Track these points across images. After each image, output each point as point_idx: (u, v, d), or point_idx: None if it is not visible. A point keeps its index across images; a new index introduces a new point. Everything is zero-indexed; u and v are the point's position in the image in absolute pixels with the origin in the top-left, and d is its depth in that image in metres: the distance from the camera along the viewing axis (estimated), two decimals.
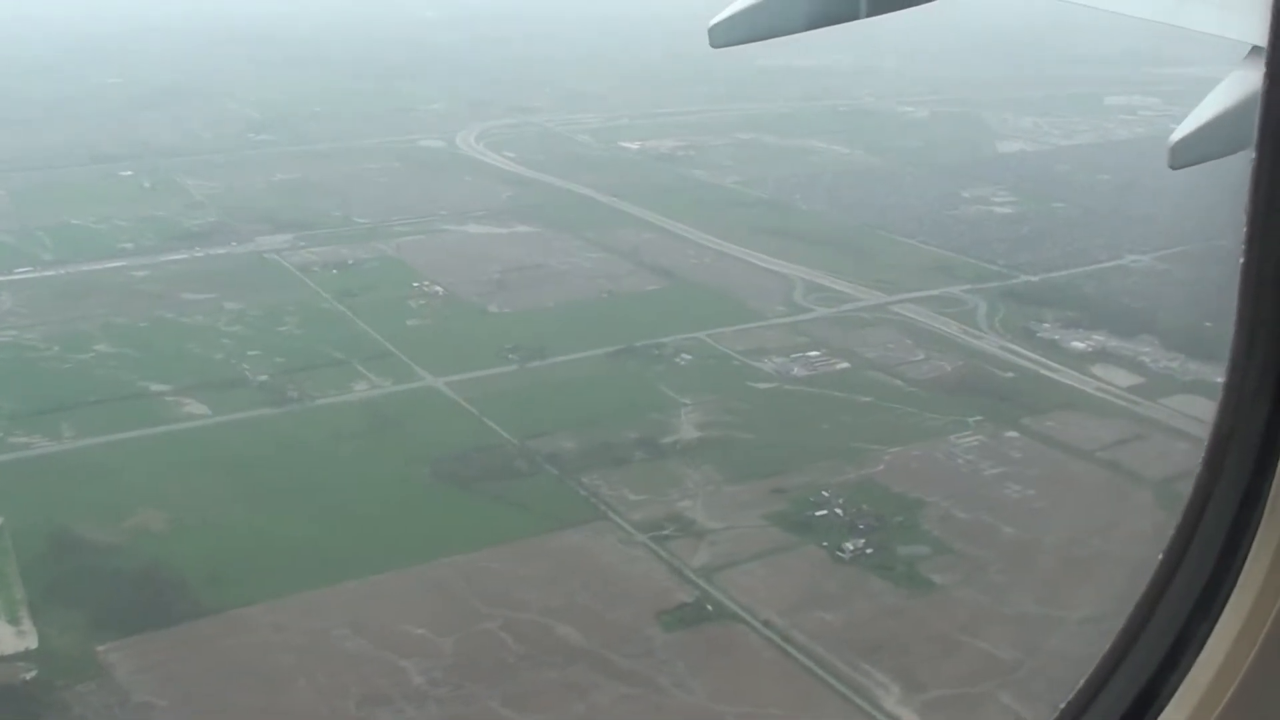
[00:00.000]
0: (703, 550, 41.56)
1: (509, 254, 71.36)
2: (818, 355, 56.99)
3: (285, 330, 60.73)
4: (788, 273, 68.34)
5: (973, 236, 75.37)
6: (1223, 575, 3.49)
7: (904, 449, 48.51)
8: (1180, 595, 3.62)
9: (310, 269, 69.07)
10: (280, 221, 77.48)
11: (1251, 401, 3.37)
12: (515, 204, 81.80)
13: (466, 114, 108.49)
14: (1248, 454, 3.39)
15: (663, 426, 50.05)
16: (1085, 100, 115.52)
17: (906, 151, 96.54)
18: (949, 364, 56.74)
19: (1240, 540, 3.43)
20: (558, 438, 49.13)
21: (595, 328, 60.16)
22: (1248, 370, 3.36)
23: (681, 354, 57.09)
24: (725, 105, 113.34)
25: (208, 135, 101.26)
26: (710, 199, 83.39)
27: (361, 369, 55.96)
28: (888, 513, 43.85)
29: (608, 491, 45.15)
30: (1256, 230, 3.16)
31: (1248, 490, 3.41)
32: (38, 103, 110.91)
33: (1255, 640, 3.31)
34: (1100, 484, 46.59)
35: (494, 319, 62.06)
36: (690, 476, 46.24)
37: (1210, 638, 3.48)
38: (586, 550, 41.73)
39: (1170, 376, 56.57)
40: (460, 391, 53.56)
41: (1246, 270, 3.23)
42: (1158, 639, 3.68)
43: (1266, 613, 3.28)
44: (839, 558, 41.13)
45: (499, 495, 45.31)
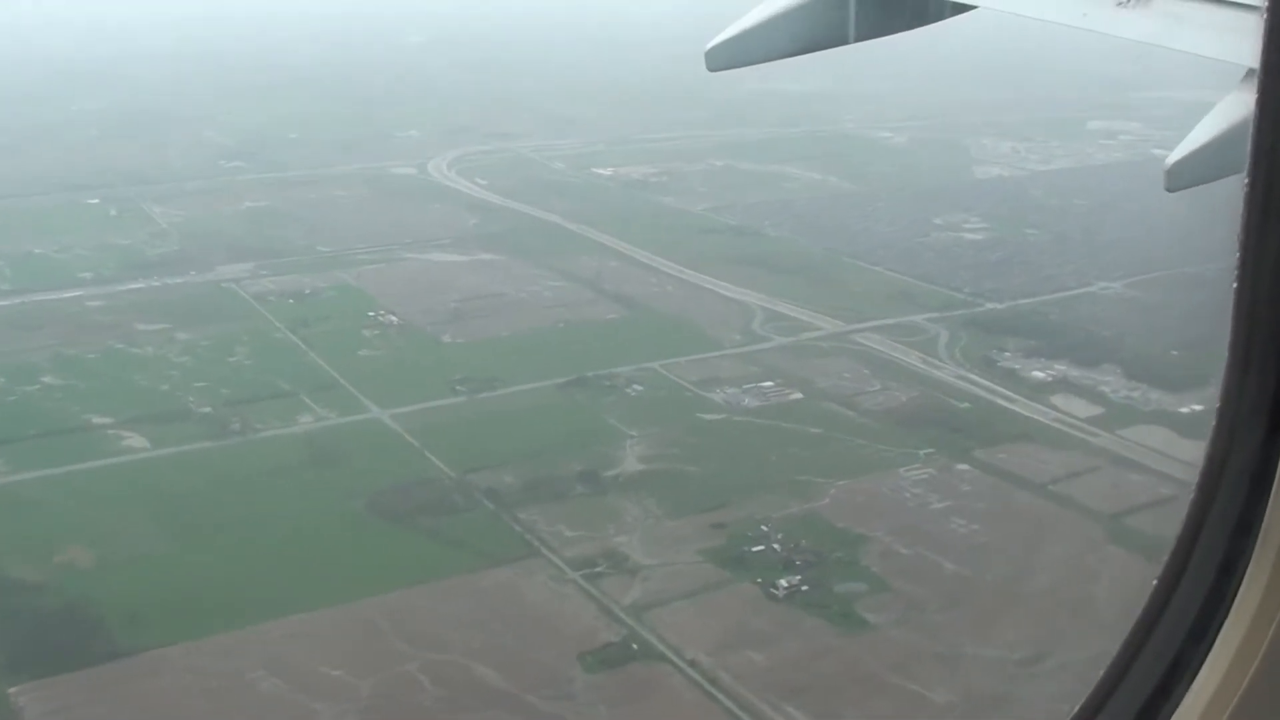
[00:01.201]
0: (634, 588, 40.58)
1: (469, 282, 70.61)
2: (771, 386, 56.08)
3: (235, 361, 59.92)
4: (749, 301, 67.50)
5: (940, 263, 74.53)
6: (1217, 601, 3.46)
7: (851, 482, 47.54)
8: (1175, 621, 3.58)
9: (267, 298, 68.31)
10: (242, 250, 76.79)
11: (1245, 426, 3.33)
12: (480, 231, 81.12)
13: (442, 140, 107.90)
14: (1241, 479, 3.36)
15: (606, 459, 49.13)
16: (1067, 125, 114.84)
17: (882, 177, 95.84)
18: (904, 394, 55.79)
19: (1234, 566, 3.40)
20: (498, 471, 48.22)
21: (549, 358, 59.31)
22: (1241, 395, 3.30)
23: (633, 385, 56.21)
24: (705, 130, 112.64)
25: (180, 162, 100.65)
26: (678, 226, 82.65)
27: (308, 401, 55.10)
28: (827, 548, 42.86)
29: (544, 527, 44.20)
30: (1249, 253, 3.11)
31: (1241, 516, 3.38)
32: (14, 130, 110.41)
33: (1249, 666, 3.28)
34: (1048, 518, 45.60)
35: (447, 349, 61.23)
36: (629, 511, 45.28)
37: (1204, 664, 3.45)
38: (516, 588, 40.77)
39: (1131, 407, 55.63)
40: (405, 424, 52.67)
41: (1240, 294, 3.18)
42: (1152, 665, 3.64)
43: (1261, 638, 3.25)
44: (773, 595, 40.13)
45: (432, 531, 44.39)
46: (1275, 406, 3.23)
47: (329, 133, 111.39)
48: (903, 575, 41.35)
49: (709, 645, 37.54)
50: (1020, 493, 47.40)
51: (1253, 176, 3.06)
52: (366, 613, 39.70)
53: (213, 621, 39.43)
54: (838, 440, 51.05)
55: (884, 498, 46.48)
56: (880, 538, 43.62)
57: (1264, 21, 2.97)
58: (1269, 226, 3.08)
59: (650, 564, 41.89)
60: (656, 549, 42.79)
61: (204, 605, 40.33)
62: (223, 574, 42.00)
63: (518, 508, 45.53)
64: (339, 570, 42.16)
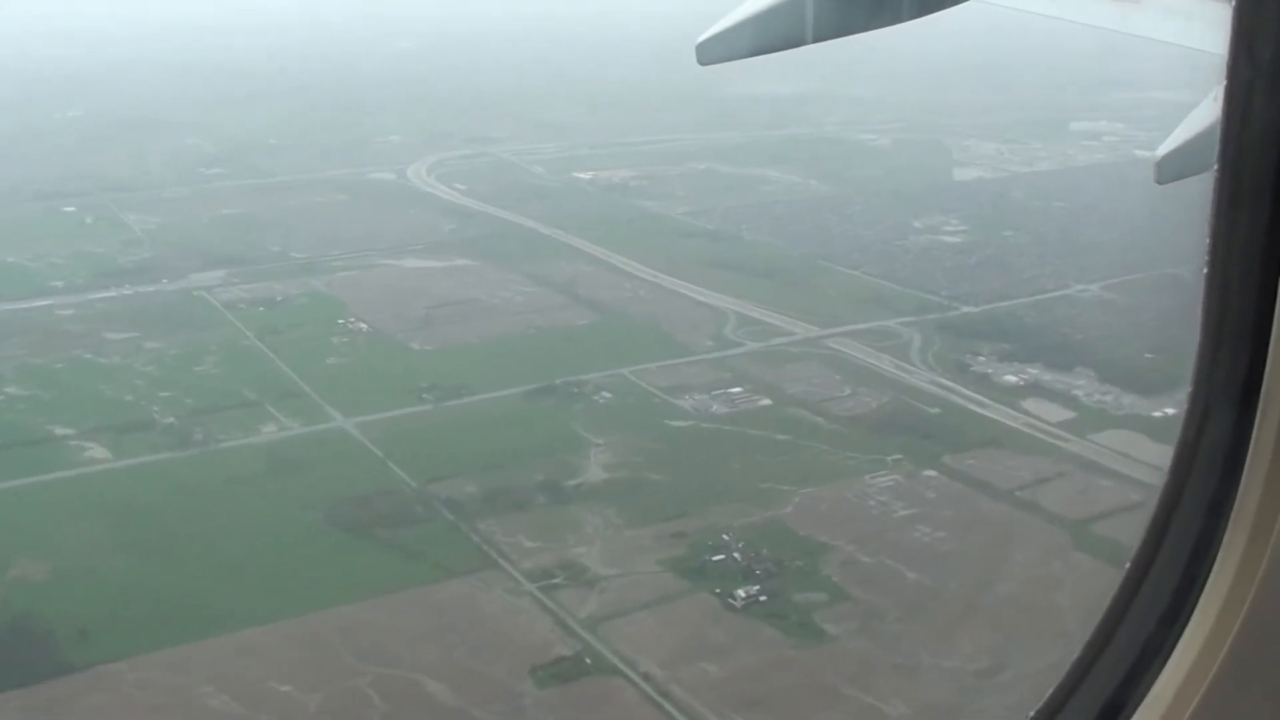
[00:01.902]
0: (591, 600, 40.06)
1: (442, 289, 70.10)
2: (739, 392, 55.56)
3: (202, 370, 59.39)
4: (722, 306, 66.99)
5: (917, 267, 74.03)
6: (1190, 583, 3.49)
7: (815, 490, 47.01)
8: (1148, 603, 3.62)
9: (237, 306, 67.81)
10: (215, 257, 76.29)
11: (1216, 409, 3.37)
12: (456, 237, 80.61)
13: (423, 145, 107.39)
14: (1213, 461, 3.40)
15: (570, 468, 48.60)
16: (1051, 126, 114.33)
17: (862, 180, 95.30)
18: (875, 400, 55.27)
19: (1207, 548, 3.42)
20: (460, 481, 47.71)
21: (518, 365, 58.79)
22: (1212, 380, 3.36)
23: (601, 392, 55.70)
24: (689, 133, 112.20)
25: (159, 169, 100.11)
26: (655, 230, 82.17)
27: (272, 410, 54.59)
28: (788, 557, 42.35)
29: (502, 538, 43.68)
30: (1219, 239, 3.19)
31: (1213, 498, 3.41)
32: None
33: (1222, 647, 3.30)
34: (1014, 526, 45.09)
35: (416, 356, 60.73)
36: (590, 521, 44.77)
37: (1178, 645, 3.47)
38: (471, 601, 40.26)
39: (1103, 411, 55.13)
40: (369, 433, 52.15)
41: (1210, 279, 3.25)
42: (1126, 647, 3.66)
43: (1233, 619, 3.28)
44: (731, 605, 39.63)
45: (390, 542, 43.86)
46: (1245, 390, 3.25)
47: (310, 138, 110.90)
48: (863, 584, 40.83)
49: (664, 657, 37.03)
50: (987, 499, 46.88)
51: (1222, 165, 3.11)
52: (319, 626, 39.19)
53: (164, 636, 38.92)
54: (804, 447, 50.52)
55: (848, 505, 45.95)
56: (842, 546, 43.10)
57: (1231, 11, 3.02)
58: (1238, 213, 3.14)
59: (609, 575, 41.36)
60: (616, 559, 42.27)
61: (156, 619, 39.82)
62: (177, 587, 41.46)
63: (477, 518, 45.01)
64: (293, 583, 41.63)
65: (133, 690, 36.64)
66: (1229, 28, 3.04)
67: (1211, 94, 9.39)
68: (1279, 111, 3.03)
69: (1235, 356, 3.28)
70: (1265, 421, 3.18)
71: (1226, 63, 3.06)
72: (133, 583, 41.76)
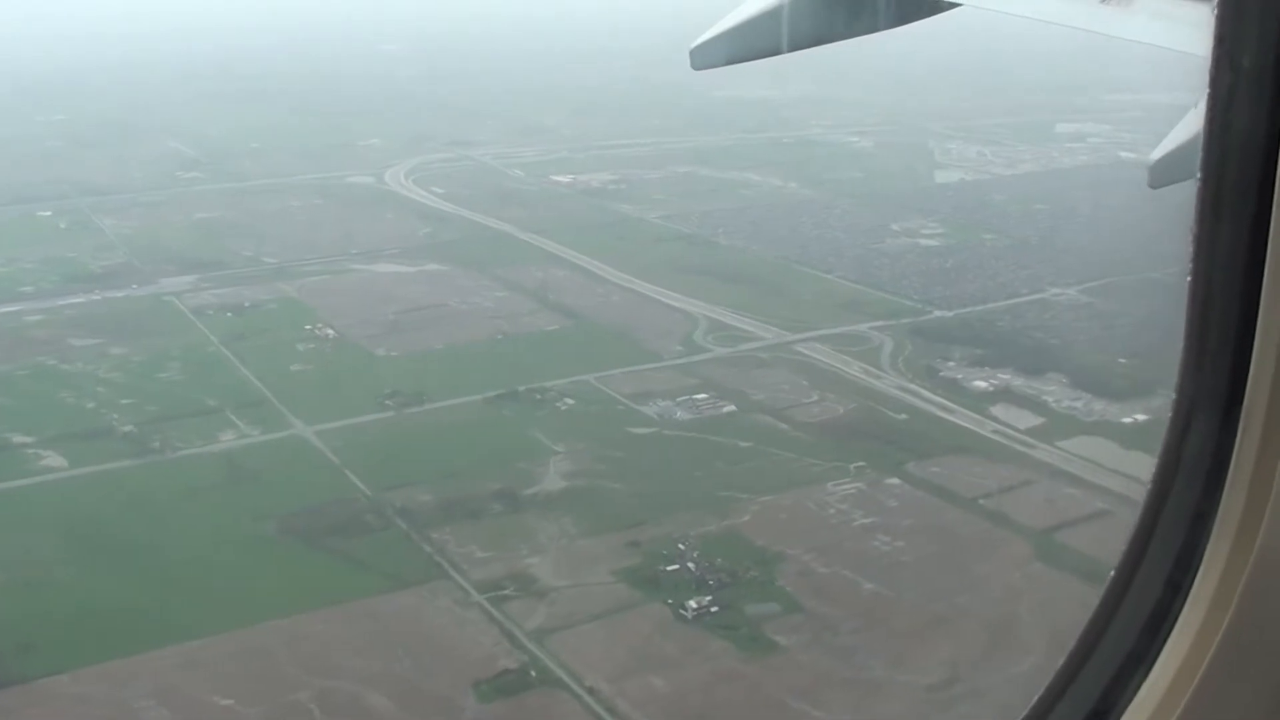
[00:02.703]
0: (540, 611, 39.44)
1: (411, 294, 69.55)
2: (705, 398, 54.98)
3: (165, 377, 58.82)
4: (694, 311, 66.41)
5: (893, 270, 73.46)
6: (1173, 592, 3.47)
7: (775, 498, 46.41)
8: (1131, 612, 3.62)
9: (205, 312, 67.25)
10: (187, 262, 75.78)
11: (1200, 418, 3.38)
12: (430, 241, 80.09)
13: (404, 149, 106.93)
14: (1197, 470, 3.40)
15: (528, 476, 48.01)
16: (1036, 128, 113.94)
17: (843, 183, 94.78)
18: (841, 406, 54.67)
19: (1190, 556, 3.41)
20: (416, 489, 47.12)
21: (483, 371, 58.22)
22: (1196, 387, 3.37)
23: (565, 398, 55.12)
24: (671, 137, 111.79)
25: (138, 173, 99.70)
26: (631, 234, 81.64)
27: (233, 417, 54.01)
28: (743, 567, 41.74)
29: (455, 548, 43.09)
30: (1202, 247, 3.19)
31: (1197, 506, 3.41)
32: None
33: (1205, 656, 3.29)
34: (976, 535, 44.49)
35: (381, 363, 60.15)
36: (545, 530, 44.17)
37: (1161, 655, 3.46)
38: (419, 613, 39.66)
39: (1073, 417, 54.53)
40: (328, 440, 51.57)
41: (1194, 288, 3.25)
42: (1109, 656, 3.65)
43: (1216, 628, 3.27)
44: (682, 617, 39.01)
45: (342, 552, 43.26)
46: (1229, 398, 3.24)
47: (291, 142, 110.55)
48: (818, 595, 40.22)
49: (610, 671, 36.41)
50: (950, 508, 46.26)
51: (1204, 173, 3.12)
52: (264, 638, 38.59)
53: (108, 648, 38.31)
54: (767, 454, 49.92)
55: (807, 514, 45.34)
56: (799, 556, 42.49)
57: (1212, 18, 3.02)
58: (1220, 221, 3.15)
59: (560, 586, 40.75)
60: (568, 570, 41.67)
61: (101, 631, 39.21)
62: (124, 598, 40.86)
63: (431, 528, 44.42)
64: (241, 594, 41.04)
65: (71, 704, 36.04)
66: (1209, 36, 3.05)
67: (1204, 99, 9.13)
68: (1260, 120, 3.02)
69: (1218, 364, 3.27)
70: (1248, 430, 3.17)
71: (1208, 71, 3.06)
72: (79, 594, 41.13)
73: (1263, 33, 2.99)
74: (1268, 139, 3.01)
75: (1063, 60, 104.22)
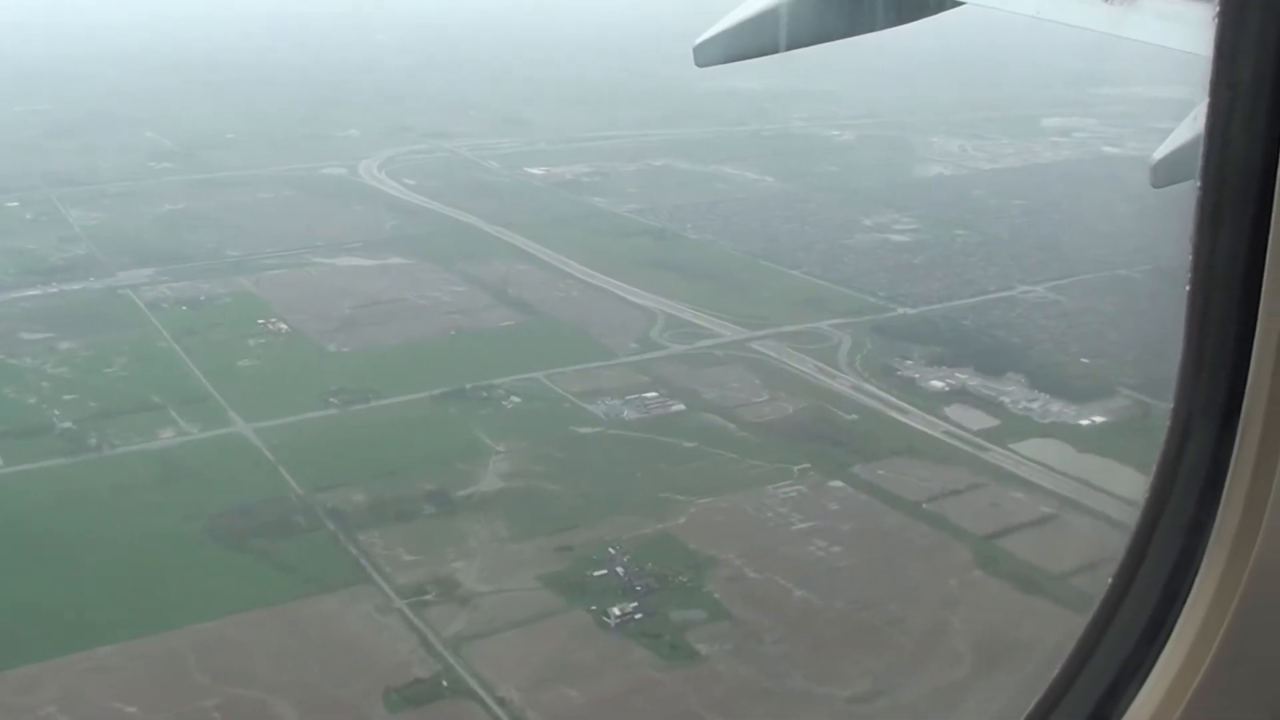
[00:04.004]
0: (461, 617, 38.59)
1: (370, 288, 68.67)
2: (654, 397, 54.06)
3: (111, 372, 58.01)
4: (653, 307, 65.45)
5: (859, 266, 72.41)
6: (1171, 598, 3.48)
7: (714, 500, 45.49)
8: (1130, 617, 3.60)
9: (160, 306, 66.44)
10: (149, 255, 74.98)
11: (1198, 425, 3.37)
12: (396, 234, 79.18)
13: (381, 140, 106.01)
14: (1195, 477, 3.41)
15: (465, 477, 47.14)
16: (1022, 122, 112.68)
17: (820, 177, 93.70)
18: (792, 406, 53.71)
19: (1188, 563, 3.42)
20: (350, 490, 46.28)
21: (432, 367, 57.32)
22: (1194, 394, 3.35)
23: (512, 396, 54.25)
24: (652, 129, 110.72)
25: (110, 164, 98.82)
26: (600, 228, 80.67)
27: (174, 414, 53.20)
28: (673, 572, 40.85)
29: (381, 551, 42.25)
30: (1201, 256, 3.18)
31: (1195, 513, 3.42)
32: None
33: (1202, 662, 3.32)
34: (915, 540, 43.54)
35: (331, 358, 59.30)
36: (475, 533, 43.32)
37: (1159, 660, 3.48)
38: (337, 618, 38.82)
39: (1028, 419, 53.56)
40: (267, 438, 50.74)
41: (1192, 295, 3.23)
42: (1107, 661, 3.67)
43: (1214, 635, 3.29)
44: (604, 624, 38.13)
45: (266, 554, 42.42)
46: (1227, 406, 3.26)
47: (269, 132, 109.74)
48: (746, 602, 39.30)
49: (525, 680, 35.55)
50: (891, 512, 45.30)
51: (1204, 180, 3.14)
52: (178, 643, 37.77)
53: (18, 653, 37.48)
54: (711, 455, 49.00)
55: (745, 517, 44.42)
56: (731, 560, 41.57)
57: (1213, 27, 3.03)
58: (1220, 229, 3.16)
59: (483, 591, 39.89)
60: (494, 575, 40.80)
61: (12, 635, 38.35)
62: (40, 601, 40.02)
63: (360, 529, 43.59)
64: (160, 597, 40.21)
65: None
66: (1209, 47, 3.06)
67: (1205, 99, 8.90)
68: (1259, 130, 3.04)
69: (1216, 373, 3.28)
70: (1246, 438, 3.18)
71: (1208, 81, 3.08)
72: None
73: (1261, 46, 3.00)
74: (1266, 149, 3.02)
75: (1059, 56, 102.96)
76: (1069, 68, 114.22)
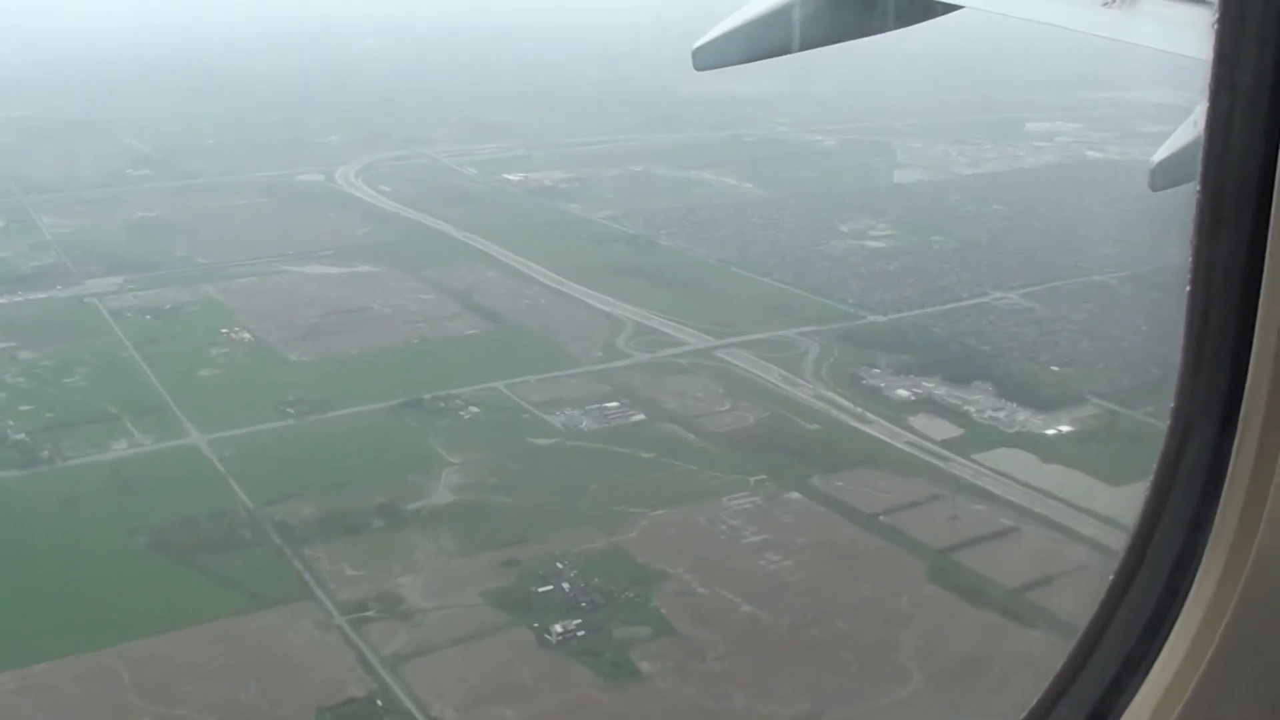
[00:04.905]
0: (401, 634, 38.00)
1: (337, 296, 68.09)
2: (615, 407, 53.44)
3: (70, 382, 57.41)
4: (621, 314, 64.84)
5: (832, 274, 71.77)
6: (1171, 597, 3.52)
7: (667, 512, 44.89)
8: (1130, 616, 3.64)
9: (124, 314, 65.86)
10: (117, 262, 74.41)
11: (1198, 425, 3.41)
12: (368, 241, 78.59)
13: (360, 146, 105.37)
14: (1195, 476, 3.45)
15: (416, 490, 46.54)
16: (1006, 126, 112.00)
17: (799, 183, 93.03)
18: (753, 416, 53.10)
19: (1188, 562, 3.47)
20: (298, 503, 45.70)
21: (392, 377, 56.73)
22: (1194, 395, 3.39)
23: (470, 406, 53.64)
24: (634, 134, 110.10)
25: (87, 170, 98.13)
26: (573, 234, 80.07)
27: (129, 425, 52.63)
28: (620, 587, 40.25)
29: (326, 566, 41.65)
30: (1202, 258, 3.22)
31: (1195, 513, 3.45)
32: None
33: (1202, 661, 3.36)
34: (869, 554, 42.91)
35: (292, 368, 58.71)
36: (422, 548, 42.72)
37: (1158, 659, 3.53)
38: (276, 635, 38.23)
39: (994, 428, 52.94)
40: (220, 450, 50.15)
41: (1193, 297, 3.28)
42: (1107, 660, 3.70)
43: (1213, 633, 3.33)
44: (546, 641, 37.51)
45: (210, 569, 41.82)
46: (1227, 405, 3.30)
47: (248, 138, 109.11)
48: (692, 618, 38.68)
49: (461, 700, 34.98)
50: (847, 524, 44.69)
51: (1203, 185, 3.17)
52: (113, 661, 37.18)
53: None
54: (668, 466, 48.39)
55: (697, 530, 43.81)
56: (680, 575, 40.97)
57: (1213, 32, 3.07)
58: (1219, 233, 3.19)
59: (426, 607, 39.29)
60: (438, 590, 40.20)
61: None
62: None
63: (306, 543, 43.00)
64: (99, 614, 39.60)
65: None
66: (1209, 52, 3.08)
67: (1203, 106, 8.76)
68: (1258, 136, 3.06)
69: (1216, 374, 3.32)
70: (1245, 439, 3.22)
71: (1208, 86, 3.11)
72: None
73: (1261, 51, 3.03)
74: (1265, 153, 3.05)
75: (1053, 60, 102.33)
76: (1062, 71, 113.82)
